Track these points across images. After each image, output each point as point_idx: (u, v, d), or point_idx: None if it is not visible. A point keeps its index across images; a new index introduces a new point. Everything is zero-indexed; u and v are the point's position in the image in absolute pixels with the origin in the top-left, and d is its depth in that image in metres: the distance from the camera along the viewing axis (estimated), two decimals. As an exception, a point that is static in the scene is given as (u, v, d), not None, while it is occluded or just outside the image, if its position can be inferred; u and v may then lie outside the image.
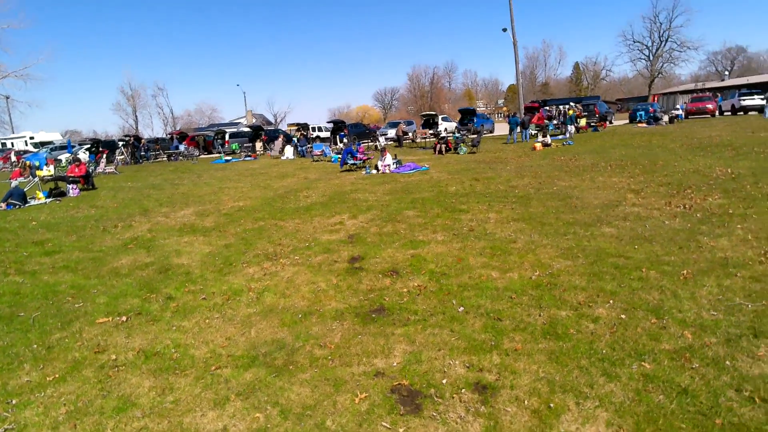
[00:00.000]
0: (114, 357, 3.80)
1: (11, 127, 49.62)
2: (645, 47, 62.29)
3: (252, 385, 3.26)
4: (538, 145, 19.04)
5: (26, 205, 12.43)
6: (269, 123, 68.97)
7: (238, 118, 63.59)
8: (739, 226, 6.00)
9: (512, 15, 31.76)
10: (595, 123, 27.57)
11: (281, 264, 5.98)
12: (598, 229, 6.44)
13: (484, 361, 3.36)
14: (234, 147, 30.91)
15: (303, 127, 35.06)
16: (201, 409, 3.04)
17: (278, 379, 3.32)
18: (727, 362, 3.08)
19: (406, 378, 3.22)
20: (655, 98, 52.38)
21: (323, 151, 23.02)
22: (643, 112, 30.70)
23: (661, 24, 60.04)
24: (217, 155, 29.88)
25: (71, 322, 4.55)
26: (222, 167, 22.27)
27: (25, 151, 35.06)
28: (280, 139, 29.34)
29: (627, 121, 33.54)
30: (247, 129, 36.70)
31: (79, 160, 17.68)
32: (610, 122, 32.41)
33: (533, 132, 24.78)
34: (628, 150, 15.55)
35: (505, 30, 32.74)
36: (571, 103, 31.02)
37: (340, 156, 18.68)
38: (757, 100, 30.69)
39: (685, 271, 4.65)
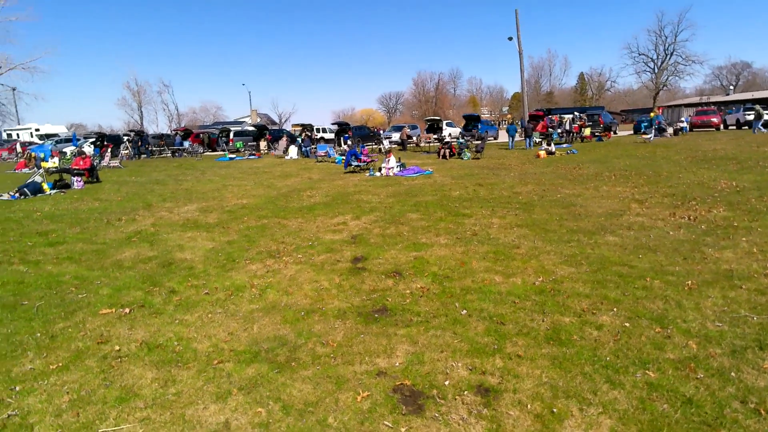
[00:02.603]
0: (117, 348, 3.80)
1: (17, 119, 49.82)
2: (650, 60, 62.40)
3: (254, 380, 3.26)
4: (542, 153, 19.05)
5: (32, 196, 12.45)
6: (274, 123, 69.10)
7: (242, 117, 63.76)
8: (743, 238, 5.99)
9: (518, 25, 31.90)
10: (600, 133, 27.61)
11: (284, 262, 5.98)
12: (602, 237, 6.44)
13: (486, 364, 3.36)
14: (238, 145, 30.95)
15: (307, 127, 35.11)
16: (203, 401, 3.04)
17: (280, 375, 3.31)
18: (732, 373, 3.07)
19: (408, 378, 3.22)
20: (660, 110, 52.43)
21: (327, 152, 23.04)
22: (647, 124, 30.72)
23: (666, 38, 60.16)
24: (221, 153, 29.96)
25: (74, 312, 4.55)
26: (226, 165, 22.31)
27: (31, 143, 35.23)
28: (284, 139, 29.37)
29: (631, 131, 33.58)
30: (251, 128, 36.77)
31: (84, 153, 17.73)
32: (615, 132, 32.47)
33: (537, 140, 24.81)
34: (632, 160, 15.55)
35: (510, 39, 32.87)
36: (576, 113, 31.03)
37: (344, 157, 18.69)
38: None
39: (689, 282, 4.64)
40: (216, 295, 4.92)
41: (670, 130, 28.48)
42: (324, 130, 40.19)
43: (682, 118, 35.49)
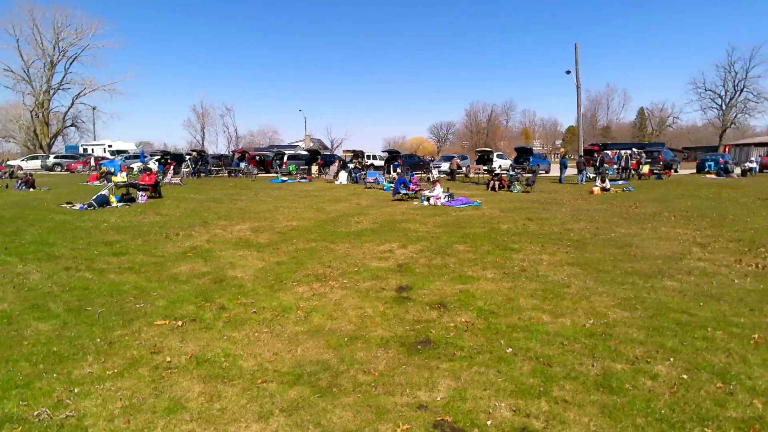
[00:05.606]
0: (168, 359, 3.97)
1: (94, 135, 54.09)
2: (717, 96, 59.80)
3: (296, 403, 3.30)
4: (596, 189, 18.47)
5: (98, 208, 13.37)
6: (326, 148, 71.03)
7: (296, 141, 66.00)
8: (821, 292, 5.52)
9: (577, 59, 31.54)
10: (659, 171, 26.48)
11: (330, 286, 6.07)
12: (660, 281, 6.12)
13: (531, 406, 3.24)
14: (291, 168, 31.99)
15: (359, 154, 35.84)
16: (246, 420, 3.10)
17: (321, 400, 3.34)
18: (805, 441, 2.81)
19: (449, 414, 3.16)
20: (726, 149, 49.69)
21: (377, 179, 23.38)
22: (712, 163, 29.24)
23: (736, 73, 57.66)
24: (275, 175, 31.04)
25: (132, 321, 4.81)
26: (278, 187, 23.08)
27: (103, 158, 37.99)
28: (335, 164, 30.09)
29: (694, 170, 31.99)
30: (304, 152, 37.97)
31: (149, 169, 18.92)
32: (676, 171, 31.05)
33: (591, 175, 24.11)
34: (695, 201, 14.78)
35: (568, 72, 32.49)
36: (634, 149, 29.96)
37: (392, 185, 18.90)
38: None
39: (756, 336, 4.32)
40: (263, 315, 5.05)
41: (738, 170, 26.92)
42: (374, 157, 40.90)
43: (752, 158, 33.51)
